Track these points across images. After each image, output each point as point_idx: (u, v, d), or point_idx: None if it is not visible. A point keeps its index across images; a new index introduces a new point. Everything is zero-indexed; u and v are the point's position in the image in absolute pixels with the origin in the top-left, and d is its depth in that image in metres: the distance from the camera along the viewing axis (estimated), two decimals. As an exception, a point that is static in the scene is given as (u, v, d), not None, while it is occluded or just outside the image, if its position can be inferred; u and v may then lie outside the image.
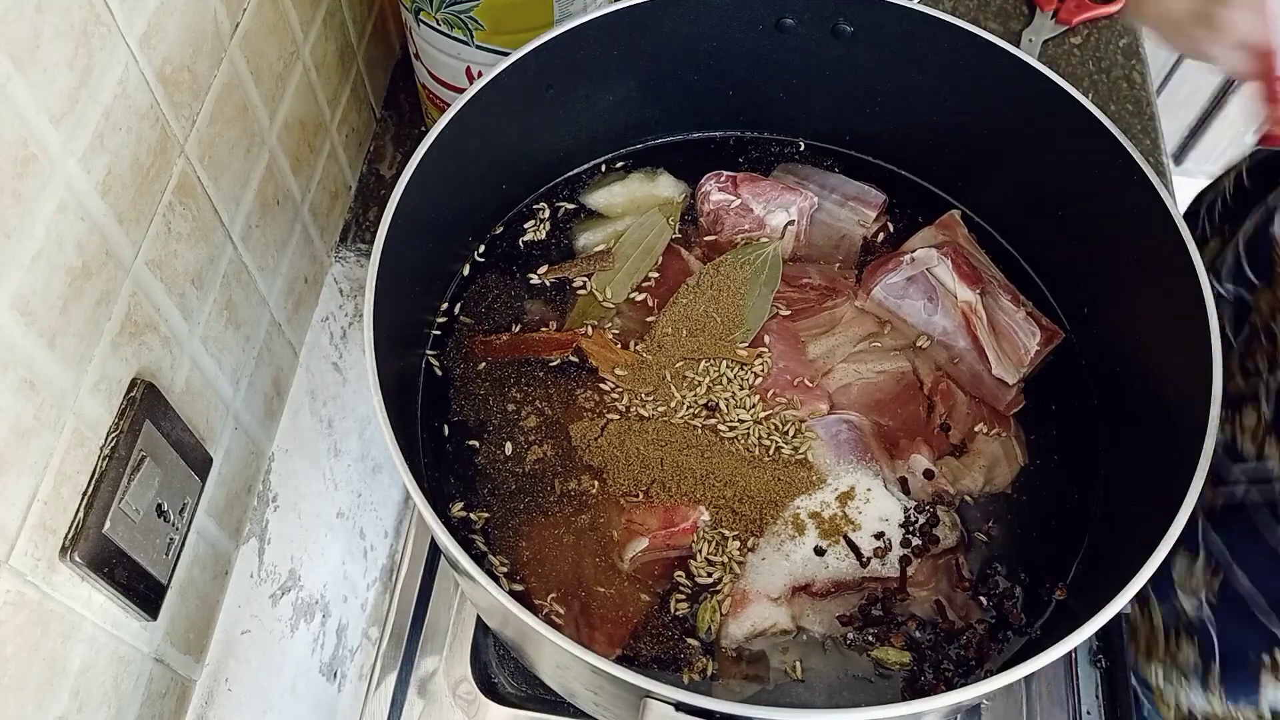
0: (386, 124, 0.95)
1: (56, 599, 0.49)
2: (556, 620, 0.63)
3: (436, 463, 0.68)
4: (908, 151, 0.79)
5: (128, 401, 0.54)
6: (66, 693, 0.51)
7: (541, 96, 0.71)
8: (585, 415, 0.69)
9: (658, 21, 0.71)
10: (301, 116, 0.75)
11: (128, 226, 0.53)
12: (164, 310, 0.57)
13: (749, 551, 0.63)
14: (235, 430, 0.68)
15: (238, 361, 0.68)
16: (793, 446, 0.67)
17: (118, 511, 0.52)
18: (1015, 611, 0.63)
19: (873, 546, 0.63)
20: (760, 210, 0.75)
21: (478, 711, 0.84)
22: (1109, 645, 0.84)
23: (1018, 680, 0.78)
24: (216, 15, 0.60)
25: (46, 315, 0.47)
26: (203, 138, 0.60)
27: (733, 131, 0.83)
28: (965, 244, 0.75)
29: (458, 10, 0.76)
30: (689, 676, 0.61)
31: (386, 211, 0.60)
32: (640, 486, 0.66)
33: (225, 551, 0.68)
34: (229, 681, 0.68)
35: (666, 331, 0.71)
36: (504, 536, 0.66)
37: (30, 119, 0.44)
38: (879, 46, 0.72)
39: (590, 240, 0.77)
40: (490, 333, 0.73)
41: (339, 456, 0.87)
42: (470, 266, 0.76)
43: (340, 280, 0.86)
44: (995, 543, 0.66)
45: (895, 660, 0.61)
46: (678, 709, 0.49)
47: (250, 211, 0.68)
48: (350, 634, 0.88)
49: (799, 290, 0.74)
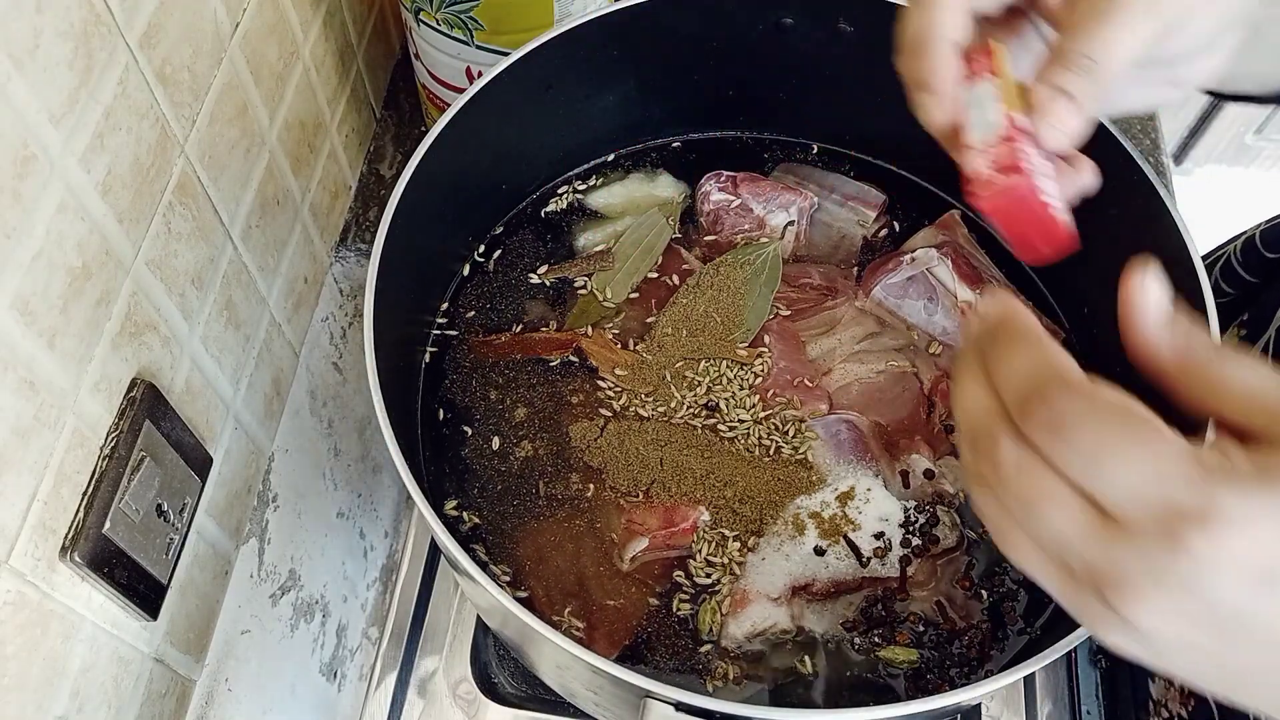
0: (386, 124, 0.95)
1: (56, 599, 0.49)
2: (576, 629, 0.63)
3: (436, 463, 0.68)
4: (908, 151, 0.79)
5: (128, 401, 0.54)
6: (66, 693, 0.51)
7: (541, 96, 0.71)
8: (585, 415, 0.69)
9: (658, 21, 0.71)
10: (301, 116, 0.75)
11: (128, 226, 0.53)
12: (164, 310, 0.57)
13: (749, 551, 0.63)
14: (235, 430, 0.68)
15: (238, 361, 0.68)
16: (793, 446, 0.67)
17: (118, 511, 0.52)
18: (1015, 611, 0.63)
19: (873, 546, 0.63)
20: (760, 210, 0.75)
21: (478, 711, 0.84)
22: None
23: (1018, 680, 0.78)
24: (216, 15, 0.60)
25: (46, 315, 0.47)
26: (203, 138, 0.60)
27: (732, 131, 0.83)
28: (965, 244, 0.75)
29: (458, 10, 0.76)
30: (711, 684, 0.61)
31: (386, 211, 0.60)
32: (640, 486, 0.66)
33: (225, 551, 0.68)
34: (229, 681, 0.68)
35: (666, 331, 0.71)
36: (504, 537, 0.66)
37: (30, 119, 0.44)
38: (879, 46, 0.72)
39: (590, 240, 0.77)
40: (490, 332, 0.73)
41: (339, 456, 0.87)
42: (470, 266, 0.76)
43: (340, 280, 0.86)
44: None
45: (904, 659, 0.61)
46: (678, 709, 0.49)
47: (250, 211, 0.68)
48: (350, 634, 0.88)
49: (799, 290, 0.74)
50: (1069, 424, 0.32)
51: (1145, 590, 0.31)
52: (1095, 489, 0.32)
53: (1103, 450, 0.31)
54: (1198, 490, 0.30)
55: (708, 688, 0.61)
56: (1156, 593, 0.31)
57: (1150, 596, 0.31)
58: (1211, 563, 0.30)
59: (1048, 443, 0.32)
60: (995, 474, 0.34)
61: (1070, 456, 0.32)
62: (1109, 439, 0.31)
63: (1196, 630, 0.32)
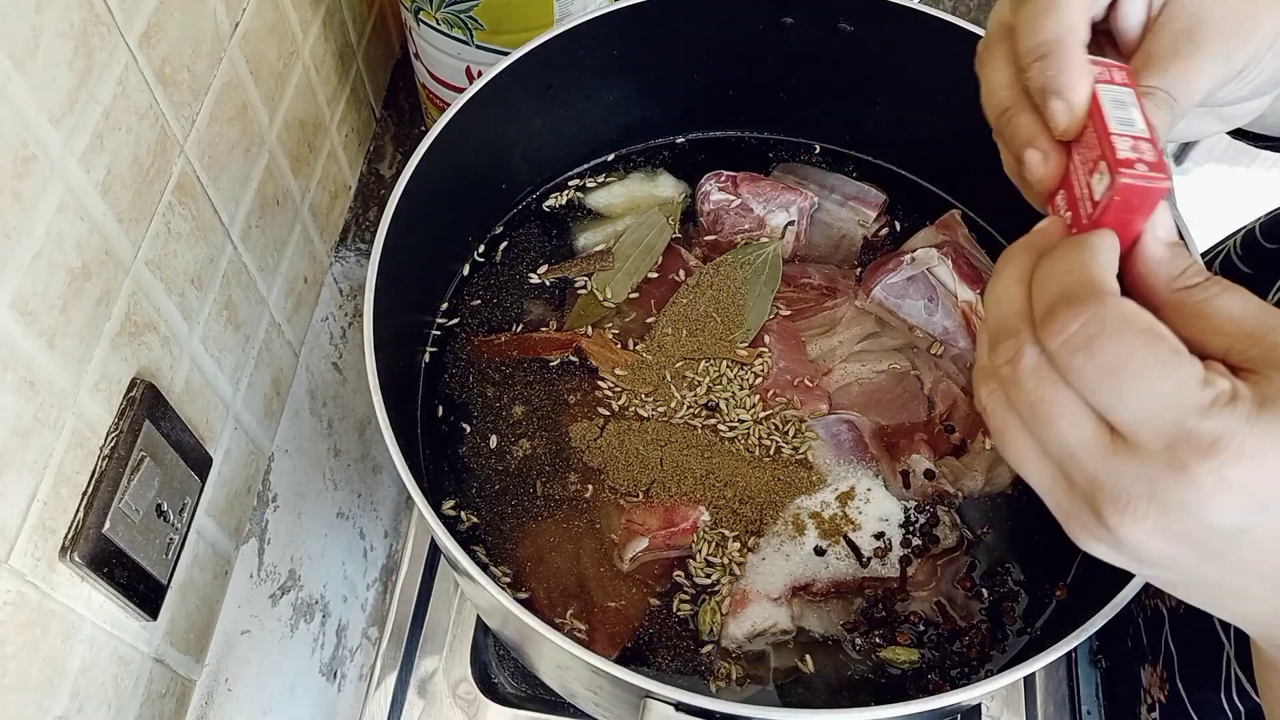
0: (386, 124, 0.95)
1: (56, 599, 0.49)
2: (579, 632, 0.63)
3: (436, 463, 0.68)
4: (908, 151, 0.79)
5: (127, 401, 0.54)
6: (66, 693, 0.51)
7: (541, 96, 0.71)
8: (585, 415, 0.69)
9: (658, 21, 0.71)
10: (301, 116, 0.75)
11: (127, 226, 0.53)
12: (164, 310, 0.57)
13: (749, 552, 0.63)
14: (235, 430, 0.68)
15: (238, 361, 0.68)
16: (793, 446, 0.67)
17: (118, 511, 0.52)
18: (1015, 612, 0.63)
19: (873, 547, 0.63)
20: (760, 210, 0.75)
21: (478, 711, 0.84)
22: (1109, 645, 0.84)
23: (1018, 680, 0.78)
24: (216, 15, 0.60)
25: (46, 315, 0.47)
26: (202, 137, 0.60)
27: (733, 131, 0.83)
28: (965, 244, 0.75)
29: (458, 10, 0.76)
30: (715, 685, 0.61)
31: (386, 211, 0.60)
32: (640, 487, 0.66)
33: (225, 551, 0.68)
34: (229, 681, 0.68)
35: (666, 331, 0.71)
36: (504, 537, 0.66)
37: (30, 119, 0.44)
38: (879, 46, 0.72)
39: (590, 240, 0.77)
40: (490, 332, 0.73)
41: (339, 456, 0.87)
42: (470, 266, 0.76)
43: (340, 280, 0.86)
44: (996, 543, 0.66)
45: (904, 659, 0.61)
46: (678, 709, 0.49)
47: (250, 211, 0.68)
48: (350, 634, 0.88)
49: (799, 290, 0.74)
50: (1095, 337, 0.33)
51: (1142, 510, 0.32)
52: (1109, 406, 0.33)
53: (1124, 369, 0.32)
54: (1209, 420, 0.31)
55: (711, 688, 0.61)
56: (1153, 513, 0.32)
57: (1147, 516, 0.32)
58: (1212, 490, 0.31)
59: (1069, 355, 0.33)
60: (1011, 374, 0.35)
61: (1090, 371, 0.33)
62: (1133, 358, 0.32)
63: (1183, 550, 0.33)
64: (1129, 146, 0.36)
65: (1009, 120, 0.41)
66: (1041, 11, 0.40)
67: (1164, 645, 0.72)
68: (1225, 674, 0.63)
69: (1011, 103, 0.41)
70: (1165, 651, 0.72)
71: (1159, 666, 0.72)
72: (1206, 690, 0.65)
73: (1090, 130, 0.38)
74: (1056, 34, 0.39)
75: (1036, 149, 0.40)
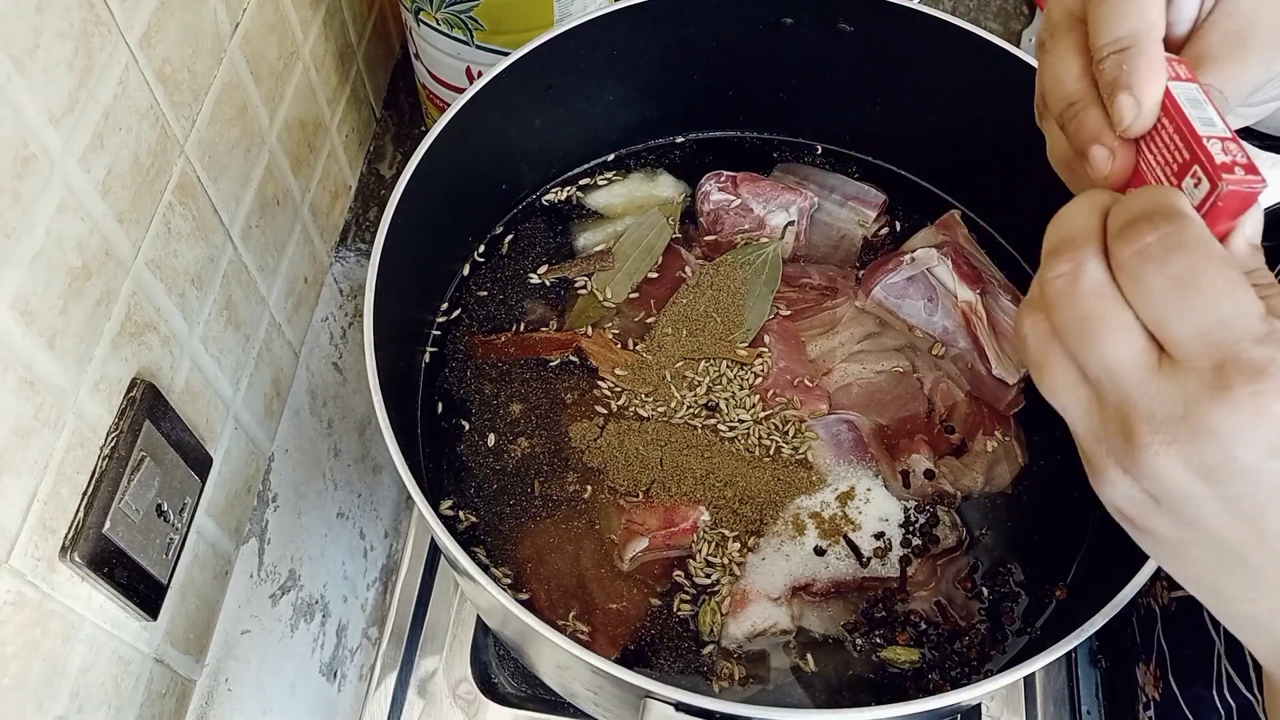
0: (386, 124, 0.95)
1: (56, 599, 0.49)
2: (581, 633, 0.63)
3: (436, 463, 0.68)
4: (908, 151, 0.79)
5: (128, 401, 0.54)
6: (66, 693, 0.51)
7: (541, 96, 0.71)
8: (585, 415, 0.69)
9: (658, 21, 0.71)
10: (301, 116, 0.75)
11: (128, 226, 0.53)
12: (164, 310, 0.57)
13: (749, 552, 0.63)
14: (235, 430, 0.68)
15: (238, 361, 0.68)
16: (793, 446, 0.67)
17: (118, 511, 0.52)
18: (1015, 612, 0.63)
19: (873, 547, 0.63)
20: (760, 210, 0.75)
21: (478, 711, 0.84)
22: (1109, 645, 0.84)
23: (1018, 680, 0.78)
24: (216, 15, 0.60)
25: (46, 315, 0.47)
26: (203, 138, 0.60)
27: (733, 131, 0.83)
28: (965, 244, 0.75)
29: (458, 10, 0.76)
30: (718, 685, 0.61)
31: (386, 211, 0.60)
32: (640, 487, 0.66)
33: (225, 551, 0.68)
34: (229, 681, 0.68)
35: (666, 331, 0.71)
36: (504, 538, 0.66)
37: (30, 119, 0.44)
38: (879, 46, 0.72)
39: (590, 240, 0.77)
40: (490, 332, 0.73)
41: (339, 456, 0.87)
42: (470, 266, 0.76)
43: (340, 280, 0.86)
44: (995, 543, 0.66)
45: (905, 659, 0.61)
46: (678, 709, 0.49)
47: (250, 211, 0.68)
48: (350, 634, 0.88)
49: (799, 290, 0.74)
50: (1172, 250, 0.33)
51: (1173, 432, 0.33)
52: (1166, 319, 0.33)
53: (1194, 283, 0.32)
54: (1262, 347, 0.32)
55: (714, 688, 0.61)
56: (1183, 436, 0.33)
57: (1176, 440, 0.33)
58: (1247, 416, 0.31)
59: (1140, 263, 0.33)
60: (1066, 288, 0.35)
61: (1159, 281, 0.33)
62: (1205, 274, 0.32)
63: (1204, 491, 0.33)
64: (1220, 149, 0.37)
65: (1076, 113, 0.41)
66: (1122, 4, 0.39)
67: (1157, 643, 0.72)
68: (1216, 671, 0.63)
69: (1080, 95, 0.40)
70: (1158, 649, 0.72)
71: (1152, 664, 0.73)
72: (1199, 687, 0.65)
73: (1166, 129, 0.38)
74: (1137, 29, 0.39)
75: (1104, 145, 0.40)
